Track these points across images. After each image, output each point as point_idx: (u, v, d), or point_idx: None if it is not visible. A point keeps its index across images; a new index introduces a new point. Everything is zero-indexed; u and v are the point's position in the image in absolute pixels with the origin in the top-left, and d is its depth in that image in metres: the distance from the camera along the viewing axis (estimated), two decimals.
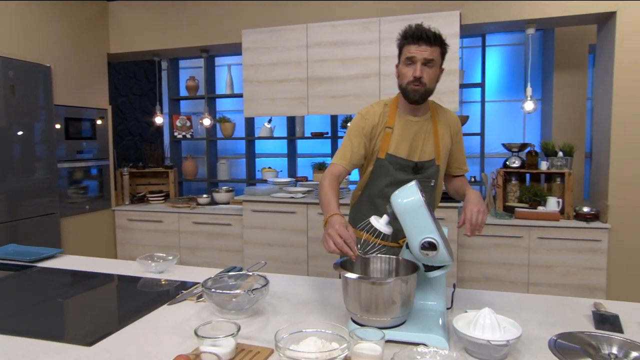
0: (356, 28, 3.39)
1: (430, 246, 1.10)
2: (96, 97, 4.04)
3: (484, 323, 1.06)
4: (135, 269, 1.80)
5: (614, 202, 3.05)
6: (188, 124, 4.81)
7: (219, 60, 4.90)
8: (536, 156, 3.38)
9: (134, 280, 1.69)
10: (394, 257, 1.28)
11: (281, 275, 1.70)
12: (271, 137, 4.52)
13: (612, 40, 3.00)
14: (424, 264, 1.21)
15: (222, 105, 5.01)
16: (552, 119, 3.98)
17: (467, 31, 3.50)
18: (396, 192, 1.18)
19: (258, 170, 4.79)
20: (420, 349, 0.97)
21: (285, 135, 4.51)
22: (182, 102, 5.00)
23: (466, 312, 1.16)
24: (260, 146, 4.90)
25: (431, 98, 1.66)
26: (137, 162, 4.67)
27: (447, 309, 1.31)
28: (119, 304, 1.54)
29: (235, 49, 4.02)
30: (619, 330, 1.19)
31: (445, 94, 3.24)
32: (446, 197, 3.22)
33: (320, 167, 4.44)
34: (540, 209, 3.26)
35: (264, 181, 4.43)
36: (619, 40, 2.95)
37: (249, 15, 3.75)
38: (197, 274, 1.72)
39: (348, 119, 4.24)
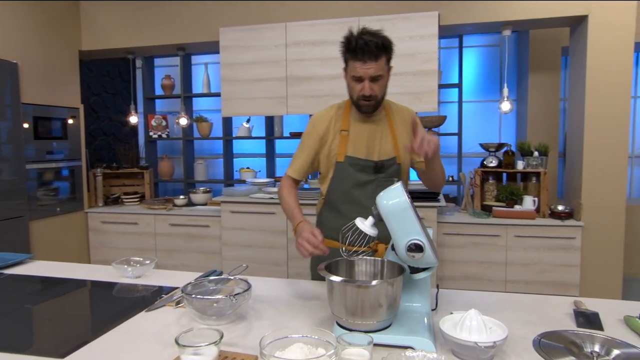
0: (335, 27, 3.37)
1: (416, 248, 1.09)
2: (67, 96, 3.90)
3: (471, 325, 1.05)
4: (110, 274, 1.74)
5: (587, 201, 3.13)
6: (164, 123, 4.71)
7: (195, 59, 4.82)
8: (513, 156, 3.44)
9: (109, 285, 1.63)
10: (379, 259, 1.26)
11: (263, 278, 1.66)
12: (249, 137, 4.47)
13: (585, 43, 3.07)
14: (409, 266, 1.20)
15: (199, 104, 4.92)
16: (527, 119, 4.06)
17: (444, 32, 3.53)
18: (381, 193, 1.17)
19: (236, 171, 4.73)
20: (409, 352, 0.95)
21: (263, 135, 4.46)
22: (158, 101, 4.89)
23: (452, 313, 1.16)
24: (238, 146, 4.84)
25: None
26: (111, 163, 4.54)
27: (432, 310, 1.30)
28: (94, 311, 1.47)
29: (212, 48, 3.95)
30: (600, 327, 1.21)
31: (425, 94, 3.25)
32: (425, 197, 3.25)
33: None
34: (517, 207, 3.31)
35: (242, 182, 4.37)
36: (591, 42, 3.03)
37: (227, 13, 3.69)
38: (175, 279, 1.67)
39: None
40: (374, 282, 1.10)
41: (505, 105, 3.34)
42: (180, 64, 4.39)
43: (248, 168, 4.58)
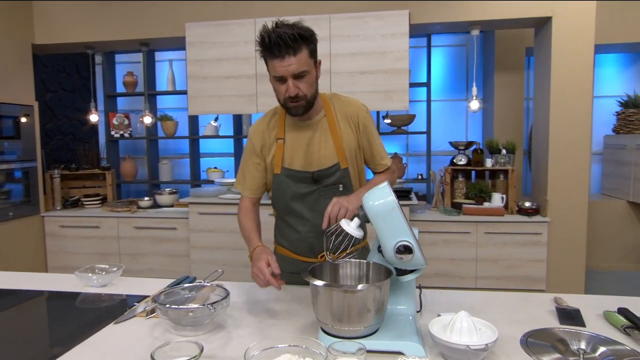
0: (306, 24, 3.31)
1: (405, 250, 1.05)
2: (19, 93, 3.65)
3: (461, 327, 1.03)
4: (72, 283, 1.61)
5: (552, 197, 3.22)
6: (126, 122, 4.52)
7: (159, 55, 4.64)
8: (482, 154, 3.50)
9: (71, 296, 1.51)
10: (365, 261, 1.22)
11: (239, 283, 1.59)
12: (217, 136, 4.35)
13: (549, 44, 3.15)
14: (395, 268, 1.16)
15: (163, 102, 4.75)
16: (494, 117, 4.14)
17: (413, 31, 3.54)
18: (367, 193, 1.13)
19: (203, 171, 4.60)
20: (401, 359, 0.91)
21: (231, 133, 4.35)
22: (119, 99, 4.69)
23: (439, 315, 1.13)
24: (205, 145, 4.70)
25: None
26: (70, 164, 4.30)
27: (417, 312, 1.27)
28: (55, 325, 1.35)
29: (178, 43, 3.80)
30: (582, 324, 1.22)
31: (396, 92, 3.25)
32: (396, 196, 3.26)
33: None
34: (486, 204, 3.37)
35: (210, 182, 4.25)
36: (555, 43, 3.11)
37: (193, 8, 3.56)
38: (145, 286, 1.57)
39: None
40: (361, 286, 1.05)
41: (474, 104, 3.39)
42: (143, 60, 4.22)
43: (215, 168, 4.47)
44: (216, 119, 4.18)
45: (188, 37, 3.47)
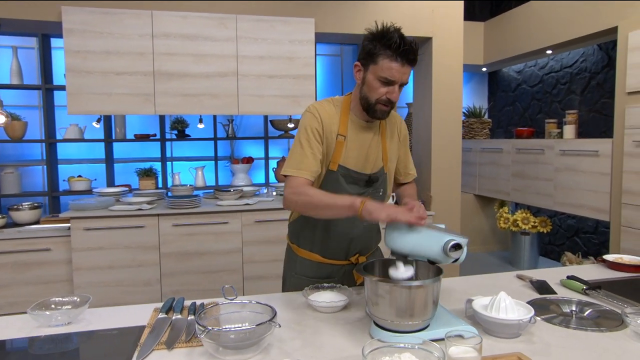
0: (211, 22, 3.14)
1: (457, 247, 1.16)
2: None
3: (505, 305, 1.17)
4: (17, 327, 1.26)
5: (435, 193, 3.72)
6: None
7: None
8: None
9: (21, 343, 1.18)
10: (409, 259, 1.28)
11: (243, 297, 1.46)
12: (82, 140, 3.77)
13: (430, 60, 3.64)
14: (430, 262, 1.25)
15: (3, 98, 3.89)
16: None
17: (319, 39, 3.66)
18: (385, 238, 1.28)
19: (64, 180, 3.94)
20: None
21: (101, 137, 3.83)
22: None
23: (472, 300, 1.26)
24: (62, 151, 4.01)
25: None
26: None
27: None
28: None
29: (42, 28, 3.19)
30: (553, 292, 1.50)
31: (303, 97, 3.33)
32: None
33: (147, 173, 3.94)
34: None
35: (74, 192, 3.69)
36: (435, 59, 3.61)
37: None
38: (123, 316, 1.32)
39: (179, 120, 3.88)
40: (428, 281, 1.11)
41: None
42: None
43: (80, 176, 3.88)
44: (99, 120, 3.63)
45: (66, 23, 2.94)
